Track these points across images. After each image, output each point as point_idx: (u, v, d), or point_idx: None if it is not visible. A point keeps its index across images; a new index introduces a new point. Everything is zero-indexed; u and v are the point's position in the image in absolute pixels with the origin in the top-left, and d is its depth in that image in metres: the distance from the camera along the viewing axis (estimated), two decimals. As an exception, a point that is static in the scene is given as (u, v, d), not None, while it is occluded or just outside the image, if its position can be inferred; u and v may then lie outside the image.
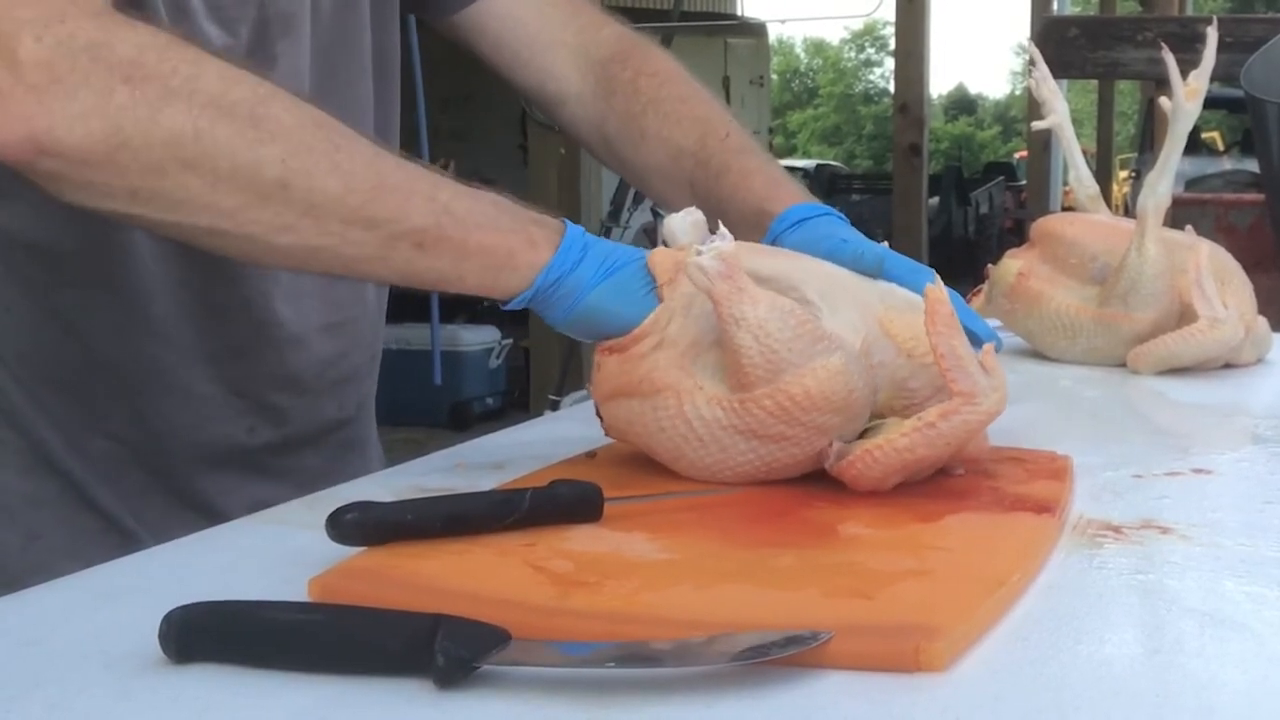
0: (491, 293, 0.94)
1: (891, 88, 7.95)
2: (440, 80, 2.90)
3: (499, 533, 0.81)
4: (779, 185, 1.15)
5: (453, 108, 9.24)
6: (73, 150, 0.82)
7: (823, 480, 0.91)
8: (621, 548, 0.80)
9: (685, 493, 0.91)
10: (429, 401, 6.22)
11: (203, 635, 0.66)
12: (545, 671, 0.64)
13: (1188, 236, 1.48)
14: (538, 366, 5.19)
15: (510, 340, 6.96)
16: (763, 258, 0.96)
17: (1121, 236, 1.46)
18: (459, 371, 6.84)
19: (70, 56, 0.82)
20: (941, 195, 13.17)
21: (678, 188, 1.20)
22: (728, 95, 12.29)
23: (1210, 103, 1.56)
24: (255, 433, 1.16)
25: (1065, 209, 6.31)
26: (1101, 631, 0.69)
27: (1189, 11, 9.90)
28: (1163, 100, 1.47)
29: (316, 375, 1.18)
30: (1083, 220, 1.56)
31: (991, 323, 1.58)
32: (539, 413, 4.03)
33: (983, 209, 14.04)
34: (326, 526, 0.78)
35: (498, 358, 7.05)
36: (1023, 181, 14.23)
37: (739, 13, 11.39)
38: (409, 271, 0.92)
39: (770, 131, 17.00)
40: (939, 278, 0.92)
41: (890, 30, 9.09)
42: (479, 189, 0.95)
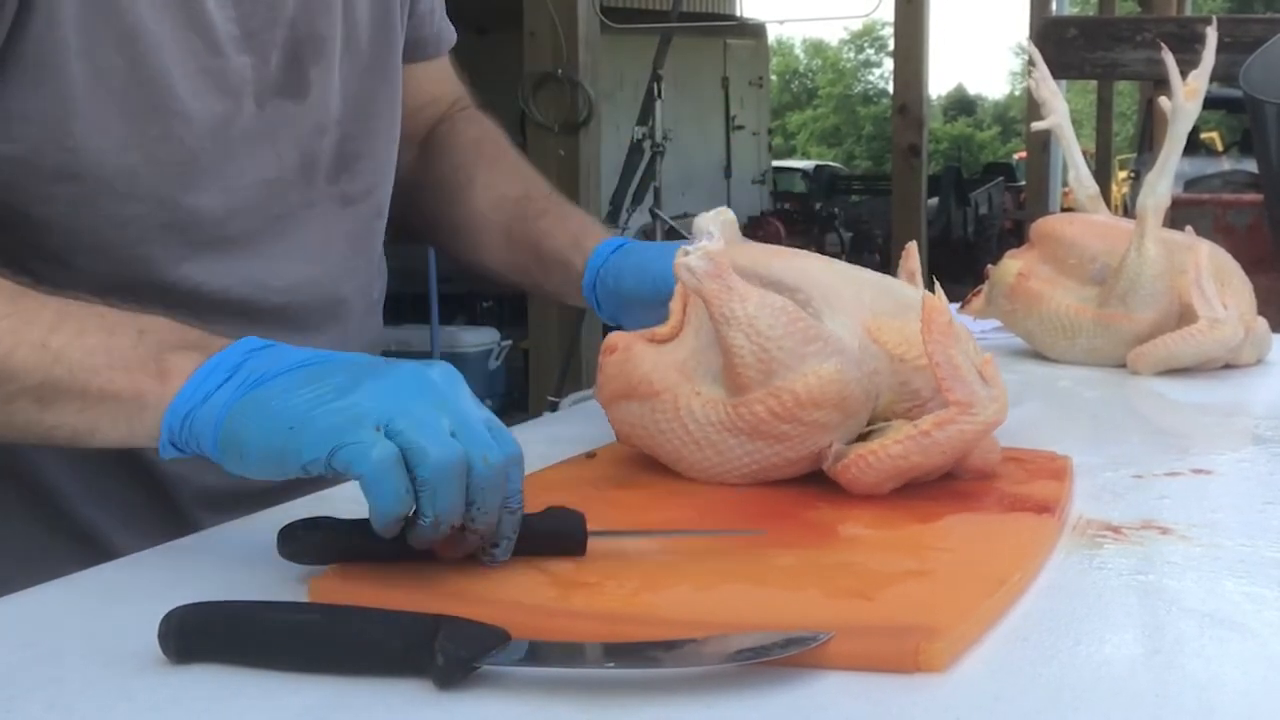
0: (135, 442, 0.81)
1: (890, 88, 7.96)
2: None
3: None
4: (594, 225, 1.25)
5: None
6: None
7: (823, 481, 0.91)
8: (622, 547, 0.79)
9: (666, 532, 0.84)
10: (428, 402, 6.19)
11: (203, 635, 0.66)
12: (545, 671, 0.64)
13: (1187, 237, 1.48)
14: (537, 368, 5.19)
15: (509, 342, 6.95)
16: (765, 258, 0.96)
17: (1121, 237, 1.46)
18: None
19: None
20: (941, 196, 13.15)
21: (492, 235, 1.26)
22: (727, 95, 12.27)
23: (1209, 103, 1.56)
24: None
25: (1065, 209, 6.31)
26: (1101, 632, 0.70)
27: (1188, 12, 9.91)
28: (1162, 100, 1.47)
29: None
30: (1082, 221, 1.56)
31: (992, 323, 1.59)
32: (538, 414, 4.03)
33: (982, 210, 14.02)
34: (277, 545, 0.76)
35: (497, 359, 7.04)
36: (1022, 182, 14.21)
37: (738, 13, 11.37)
38: (41, 433, 0.82)
39: (770, 132, 16.99)
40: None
41: (889, 31, 9.08)
42: (136, 316, 0.83)
